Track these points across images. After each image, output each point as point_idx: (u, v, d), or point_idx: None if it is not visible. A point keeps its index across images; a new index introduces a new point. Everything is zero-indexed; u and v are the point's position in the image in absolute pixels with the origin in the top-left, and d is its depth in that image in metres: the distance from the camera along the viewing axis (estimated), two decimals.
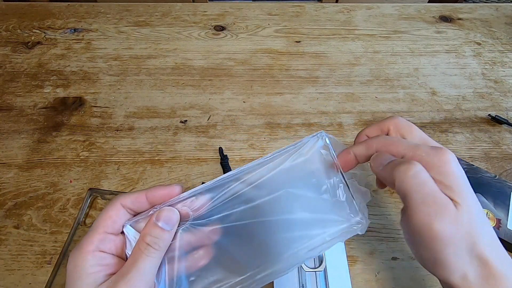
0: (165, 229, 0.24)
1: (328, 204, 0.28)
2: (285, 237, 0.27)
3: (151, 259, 0.23)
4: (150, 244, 0.23)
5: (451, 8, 0.70)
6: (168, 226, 0.24)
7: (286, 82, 0.56)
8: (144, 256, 0.23)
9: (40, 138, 0.48)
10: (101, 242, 0.24)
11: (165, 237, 0.24)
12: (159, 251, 0.24)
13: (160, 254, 0.24)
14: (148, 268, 0.23)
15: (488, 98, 0.55)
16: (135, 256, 0.23)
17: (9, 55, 0.59)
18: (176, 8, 0.68)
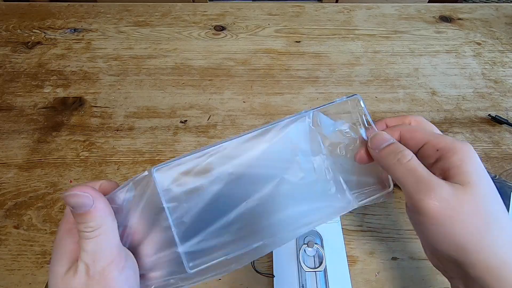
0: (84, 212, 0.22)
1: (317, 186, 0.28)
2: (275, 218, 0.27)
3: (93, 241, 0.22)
4: (82, 229, 0.22)
5: (451, 8, 0.70)
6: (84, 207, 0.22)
7: (286, 82, 0.56)
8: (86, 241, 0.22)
9: (40, 138, 0.48)
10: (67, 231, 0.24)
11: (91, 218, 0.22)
12: (95, 231, 0.22)
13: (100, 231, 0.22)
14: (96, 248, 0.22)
15: (488, 98, 0.55)
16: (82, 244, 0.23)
17: (9, 55, 0.59)
18: (176, 8, 0.68)
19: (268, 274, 0.36)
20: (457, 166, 0.23)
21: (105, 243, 0.23)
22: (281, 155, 0.27)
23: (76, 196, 0.22)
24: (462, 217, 0.22)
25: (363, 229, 0.40)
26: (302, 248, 0.37)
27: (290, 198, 0.27)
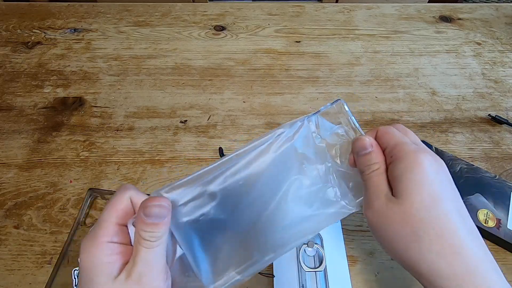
0: (156, 223, 0.23)
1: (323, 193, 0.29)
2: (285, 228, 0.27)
3: (152, 251, 0.23)
4: (147, 239, 0.23)
5: (451, 8, 0.70)
6: (159, 219, 0.23)
7: (286, 82, 0.56)
8: (145, 251, 0.23)
9: (40, 138, 0.48)
10: (115, 234, 0.24)
11: (159, 229, 0.23)
12: (157, 241, 0.23)
13: (160, 242, 0.23)
14: (153, 259, 0.23)
15: (488, 98, 0.55)
16: (139, 252, 0.23)
17: (9, 55, 0.59)
18: (176, 8, 0.68)
19: (268, 274, 0.36)
20: (398, 176, 0.25)
21: (160, 255, 0.24)
22: (287, 164, 0.28)
23: (160, 207, 0.23)
24: (391, 226, 0.24)
25: (363, 229, 0.40)
26: (302, 248, 0.37)
27: (298, 206, 0.28)
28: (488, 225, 0.39)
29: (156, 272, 0.23)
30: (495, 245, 0.40)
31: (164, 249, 0.24)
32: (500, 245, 0.40)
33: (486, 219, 0.40)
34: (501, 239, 0.39)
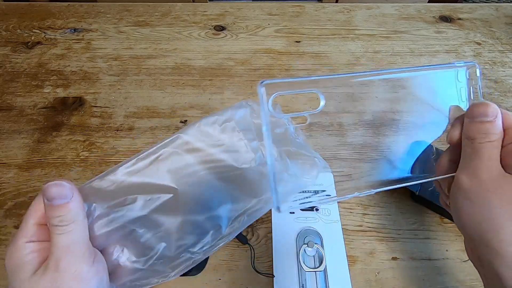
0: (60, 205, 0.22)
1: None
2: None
3: (66, 235, 0.22)
4: (56, 223, 0.22)
5: (451, 8, 0.70)
6: (61, 200, 0.22)
7: None
8: (57, 235, 0.22)
9: (40, 138, 0.48)
10: (34, 234, 0.24)
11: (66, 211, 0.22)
12: (70, 224, 0.23)
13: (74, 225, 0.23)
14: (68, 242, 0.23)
15: (488, 98, 0.55)
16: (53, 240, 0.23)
17: (9, 55, 0.59)
18: (176, 8, 0.68)
19: (268, 274, 0.36)
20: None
21: (77, 238, 0.23)
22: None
23: (58, 186, 0.22)
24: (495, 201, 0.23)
25: (363, 229, 0.40)
26: (302, 248, 0.37)
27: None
28: None
29: (74, 256, 0.23)
30: None
31: (82, 230, 0.23)
32: None
33: None
34: None
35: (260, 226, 0.40)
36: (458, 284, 0.37)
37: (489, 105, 0.25)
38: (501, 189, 0.23)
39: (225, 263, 0.37)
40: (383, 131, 0.35)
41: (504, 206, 0.23)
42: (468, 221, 0.25)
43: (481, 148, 0.25)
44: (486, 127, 0.25)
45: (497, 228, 0.23)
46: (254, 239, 0.39)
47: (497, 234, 0.23)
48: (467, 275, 0.38)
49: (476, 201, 0.24)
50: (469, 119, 0.26)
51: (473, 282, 0.37)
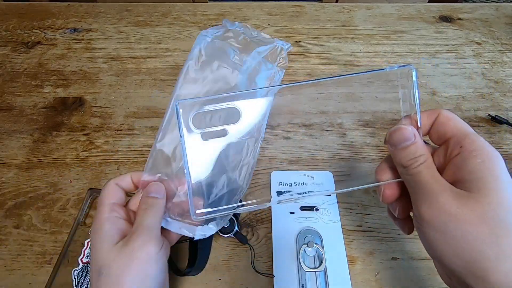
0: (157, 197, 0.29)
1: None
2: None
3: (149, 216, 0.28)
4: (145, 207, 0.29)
5: (451, 8, 0.70)
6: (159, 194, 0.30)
7: (286, 82, 0.56)
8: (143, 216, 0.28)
9: (40, 138, 0.48)
10: (112, 210, 0.29)
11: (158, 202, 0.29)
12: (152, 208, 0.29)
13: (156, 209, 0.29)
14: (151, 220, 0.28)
15: (488, 98, 0.55)
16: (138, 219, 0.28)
17: (9, 55, 0.59)
18: (176, 8, 0.68)
19: (268, 274, 0.36)
20: (473, 171, 0.22)
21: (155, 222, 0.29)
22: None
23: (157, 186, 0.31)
24: (462, 224, 0.21)
25: (363, 229, 0.40)
26: (302, 248, 0.37)
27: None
28: None
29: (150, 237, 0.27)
30: None
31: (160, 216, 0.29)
32: None
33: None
34: None
35: (260, 226, 0.40)
36: None
37: (404, 128, 0.24)
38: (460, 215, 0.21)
39: (225, 263, 0.37)
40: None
41: (480, 233, 0.21)
42: (446, 253, 0.22)
43: (419, 173, 0.23)
44: (412, 150, 0.24)
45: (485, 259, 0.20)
46: (254, 239, 0.39)
47: (487, 266, 0.20)
48: None
49: (447, 232, 0.22)
50: (393, 147, 0.25)
51: None
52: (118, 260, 0.26)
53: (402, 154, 0.24)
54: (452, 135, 0.24)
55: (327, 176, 0.44)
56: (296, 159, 0.46)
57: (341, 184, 0.28)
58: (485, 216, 0.21)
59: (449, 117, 0.25)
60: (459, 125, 0.24)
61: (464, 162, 0.22)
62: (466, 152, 0.23)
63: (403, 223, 0.28)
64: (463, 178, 0.22)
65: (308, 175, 0.44)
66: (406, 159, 0.24)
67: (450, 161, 0.23)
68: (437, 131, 0.25)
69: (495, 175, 0.21)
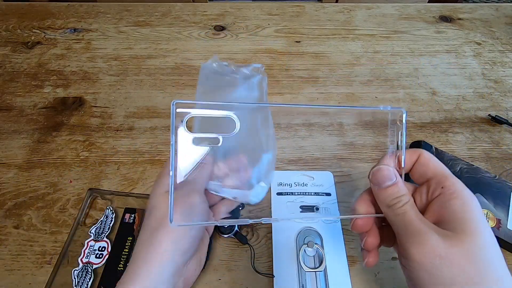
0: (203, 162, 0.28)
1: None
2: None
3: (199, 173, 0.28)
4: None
5: (451, 8, 0.70)
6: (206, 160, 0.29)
7: (286, 82, 0.56)
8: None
9: (40, 138, 0.48)
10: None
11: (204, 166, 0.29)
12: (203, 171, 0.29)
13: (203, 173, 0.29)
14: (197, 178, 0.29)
15: (488, 98, 0.55)
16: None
17: (9, 55, 0.59)
18: (176, 8, 0.68)
19: (268, 274, 0.36)
20: (456, 211, 0.23)
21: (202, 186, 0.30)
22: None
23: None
24: (451, 266, 0.22)
25: None
26: (302, 248, 0.37)
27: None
28: None
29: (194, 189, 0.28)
30: None
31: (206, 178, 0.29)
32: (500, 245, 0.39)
33: (486, 219, 0.40)
34: (501, 239, 0.39)
35: (260, 226, 0.40)
36: None
37: (386, 169, 0.25)
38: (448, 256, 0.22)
39: (225, 263, 0.37)
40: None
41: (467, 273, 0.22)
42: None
43: (405, 213, 0.24)
44: (394, 190, 0.25)
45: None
46: (254, 239, 0.39)
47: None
48: None
49: (437, 274, 0.22)
50: (376, 186, 0.25)
51: None
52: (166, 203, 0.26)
53: (385, 194, 0.25)
54: (433, 176, 0.25)
55: (327, 176, 0.44)
56: (296, 159, 0.46)
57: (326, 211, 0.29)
58: (471, 257, 0.22)
59: (429, 158, 0.26)
60: (439, 167, 0.25)
61: (447, 203, 0.23)
62: (447, 193, 0.24)
63: (367, 254, 0.28)
64: (446, 218, 0.23)
65: (308, 175, 0.44)
66: (390, 198, 0.25)
67: (433, 201, 0.24)
68: (419, 171, 0.26)
69: (476, 217, 0.23)
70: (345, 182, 0.44)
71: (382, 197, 0.25)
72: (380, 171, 0.25)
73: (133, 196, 0.41)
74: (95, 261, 0.36)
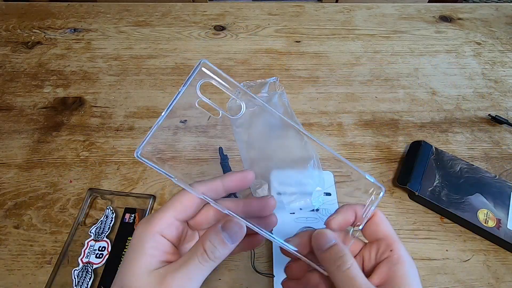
0: (226, 243, 0.23)
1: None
2: None
3: (201, 267, 0.22)
4: (207, 251, 0.23)
5: (451, 8, 0.70)
6: (231, 241, 0.23)
7: (286, 82, 0.56)
8: (197, 262, 0.22)
9: (40, 138, 0.48)
10: (167, 227, 0.24)
11: (223, 252, 0.23)
12: (213, 262, 0.23)
13: (212, 265, 0.23)
14: (196, 275, 0.22)
15: (488, 98, 0.55)
16: (190, 256, 0.23)
17: (9, 55, 0.59)
18: (176, 8, 0.68)
19: (268, 274, 0.36)
20: (403, 276, 0.23)
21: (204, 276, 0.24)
22: None
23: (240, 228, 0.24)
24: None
25: None
26: None
27: None
28: (488, 225, 0.39)
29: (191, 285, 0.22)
30: (495, 245, 0.40)
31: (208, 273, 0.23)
32: (500, 245, 0.40)
33: (486, 219, 0.40)
34: (501, 239, 0.39)
35: None
36: (458, 284, 0.37)
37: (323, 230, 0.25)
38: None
39: (225, 263, 0.37)
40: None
41: None
42: None
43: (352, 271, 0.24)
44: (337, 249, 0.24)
45: None
46: None
47: None
48: (467, 275, 0.38)
49: None
50: (320, 250, 0.25)
51: (473, 282, 0.37)
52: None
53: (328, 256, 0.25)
54: (384, 237, 0.26)
55: (327, 176, 0.44)
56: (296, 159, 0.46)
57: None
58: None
59: (382, 219, 0.27)
60: (390, 230, 0.26)
61: (395, 266, 0.24)
62: (395, 256, 0.24)
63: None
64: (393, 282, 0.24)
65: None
66: (334, 258, 0.24)
67: (381, 262, 0.25)
68: (372, 229, 0.26)
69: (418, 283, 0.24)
70: (345, 182, 0.44)
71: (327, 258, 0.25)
72: (319, 234, 0.25)
73: (133, 196, 0.42)
74: (95, 261, 0.37)
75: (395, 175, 0.45)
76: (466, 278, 0.37)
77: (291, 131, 0.27)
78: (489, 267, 0.38)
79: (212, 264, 0.23)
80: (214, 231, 0.23)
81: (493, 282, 0.37)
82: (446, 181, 0.42)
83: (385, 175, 0.45)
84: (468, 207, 0.40)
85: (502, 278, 0.38)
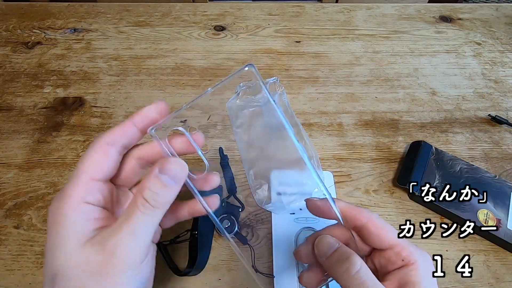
0: (168, 185, 0.20)
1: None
2: None
3: (146, 218, 0.19)
4: (148, 200, 0.19)
5: (451, 8, 0.70)
6: (173, 181, 0.21)
7: (286, 82, 0.56)
8: (139, 214, 0.19)
9: (40, 138, 0.48)
10: (88, 193, 0.20)
11: (167, 195, 0.20)
12: (158, 210, 0.20)
13: (158, 213, 0.20)
14: (143, 228, 0.19)
15: (488, 98, 0.55)
16: (129, 212, 0.19)
17: (9, 55, 0.59)
18: (176, 8, 0.68)
19: (268, 274, 0.36)
20: (414, 283, 0.22)
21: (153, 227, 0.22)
22: None
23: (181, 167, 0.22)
24: None
25: None
26: None
27: None
28: (488, 225, 0.39)
29: (138, 247, 0.19)
30: (495, 245, 0.40)
31: (156, 224, 0.20)
32: (500, 245, 0.40)
33: (486, 219, 0.40)
34: (501, 239, 0.39)
35: (260, 226, 0.40)
36: (458, 284, 0.37)
37: (324, 236, 0.25)
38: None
39: (225, 263, 0.37)
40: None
41: None
42: None
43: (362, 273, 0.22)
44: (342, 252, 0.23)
45: None
46: (254, 239, 0.39)
47: None
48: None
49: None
50: (325, 257, 0.24)
51: (473, 282, 0.37)
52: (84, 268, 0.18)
53: (333, 260, 0.23)
54: (390, 246, 0.24)
55: (327, 176, 0.44)
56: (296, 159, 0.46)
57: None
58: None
59: (382, 226, 0.24)
60: (393, 236, 0.24)
61: (410, 272, 0.23)
62: (409, 265, 0.23)
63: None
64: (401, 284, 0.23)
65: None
66: (340, 262, 0.23)
67: (394, 271, 0.23)
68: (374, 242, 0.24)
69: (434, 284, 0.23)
70: (345, 182, 0.44)
71: (332, 263, 0.23)
72: (322, 240, 0.24)
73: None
74: None
75: (395, 175, 0.45)
76: (466, 278, 0.37)
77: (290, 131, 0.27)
78: (489, 267, 0.38)
79: (157, 212, 0.20)
80: (151, 177, 0.20)
81: (493, 282, 0.37)
82: (446, 181, 0.42)
83: (385, 175, 0.45)
84: (468, 207, 0.40)
85: (502, 278, 0.38)
